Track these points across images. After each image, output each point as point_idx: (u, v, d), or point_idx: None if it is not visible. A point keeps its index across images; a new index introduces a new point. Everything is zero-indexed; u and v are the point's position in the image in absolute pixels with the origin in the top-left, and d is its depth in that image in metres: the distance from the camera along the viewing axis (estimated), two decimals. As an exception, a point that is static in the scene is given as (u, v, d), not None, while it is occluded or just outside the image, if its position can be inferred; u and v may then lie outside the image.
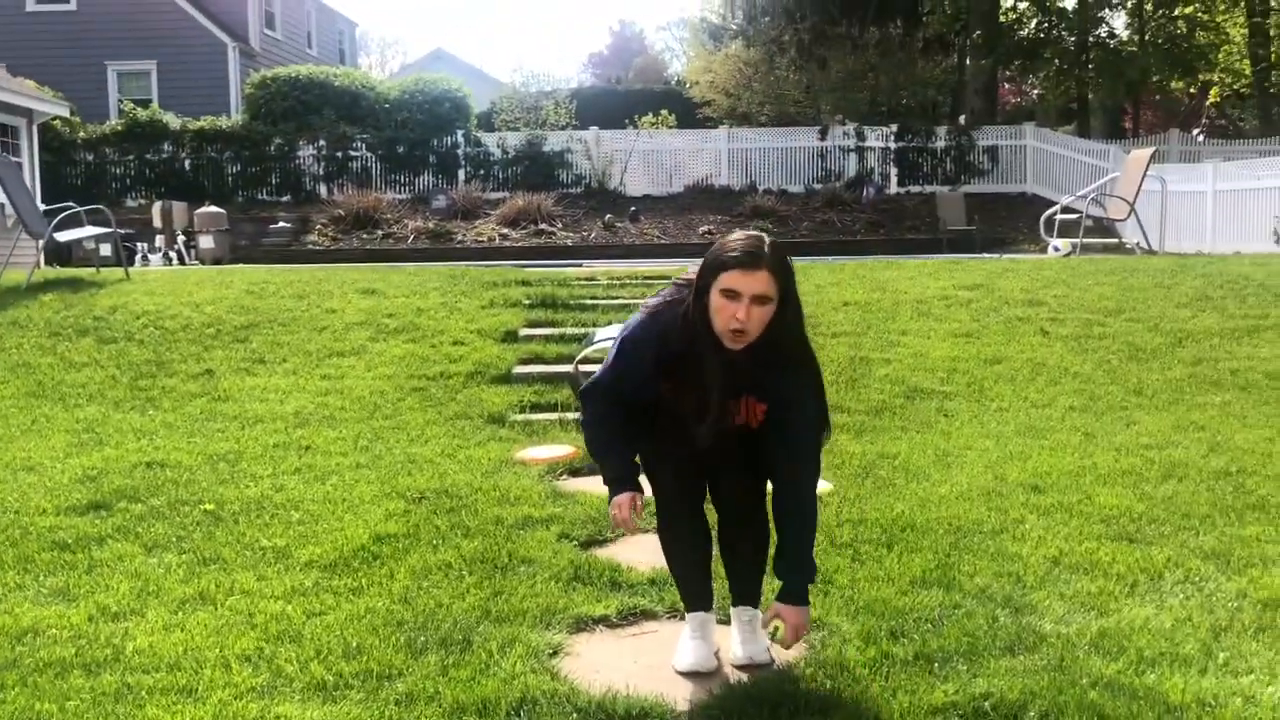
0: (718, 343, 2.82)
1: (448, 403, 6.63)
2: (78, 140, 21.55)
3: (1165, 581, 3.61)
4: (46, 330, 8.24)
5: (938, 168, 21.73)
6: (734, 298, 2.74)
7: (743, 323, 2.74)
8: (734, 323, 2.74)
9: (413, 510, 4.52)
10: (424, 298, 9.04)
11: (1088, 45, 22.53)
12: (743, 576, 3.20)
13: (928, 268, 10.19)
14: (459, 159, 21.77)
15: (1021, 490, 4.70)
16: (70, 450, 5.65)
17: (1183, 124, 28.53)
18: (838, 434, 5.90)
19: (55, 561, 3.96)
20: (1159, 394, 6.64)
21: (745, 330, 2.76)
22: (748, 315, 2.73)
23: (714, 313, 2.78)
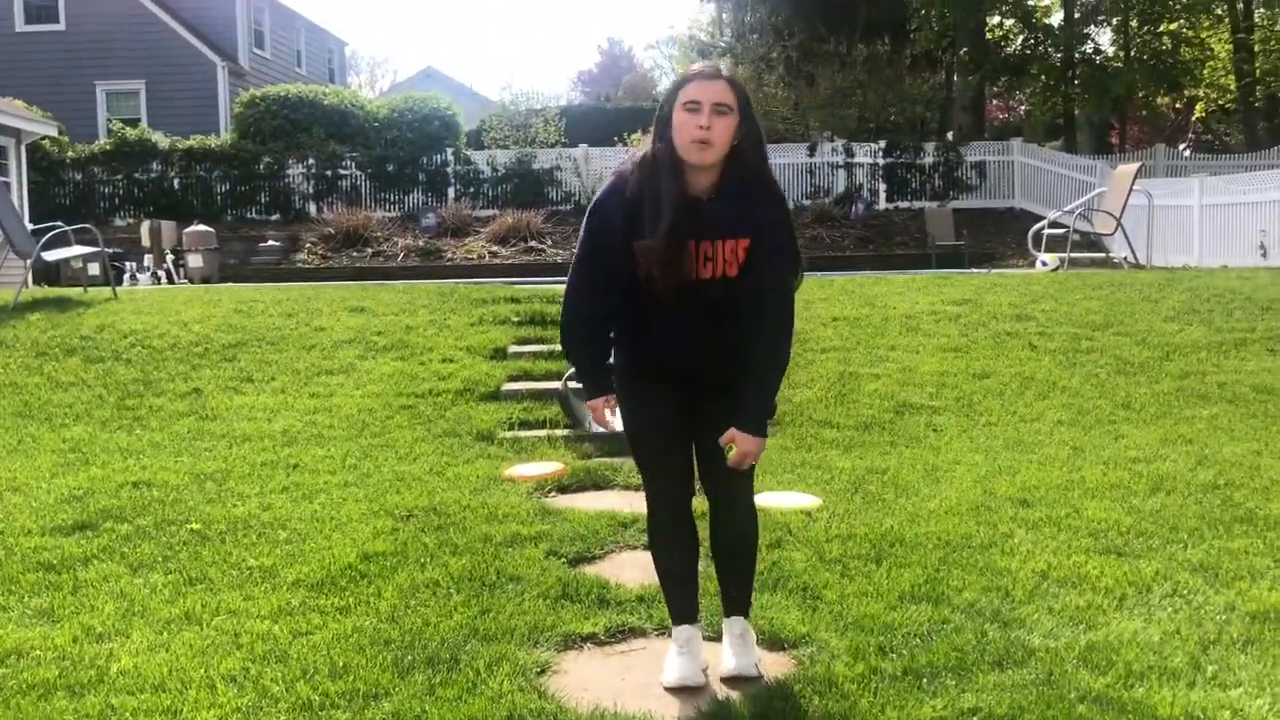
0: (678, 171, 2.85)
1: (436, 420, 6.62)
2: (66, 159, 21.53)
3: (1153, 595, 3.62)
4: (33, 350, 8.21)
5: (926, 183, 21.81)
6: (695, 110, 2.81)
7: (706, 131, 2.79)
8: (697, 132, 2.80)
9: (401, 528, 4.50)
10: (413, 315, 9.03)
11: (1074, 61, 22.65)
12: (733, 584, 3.19)
13: (916, 283, 10.22)
14: (448, 177, 21.79)
15: (1010, 504, 4.70)
16: (56, 470, 5.62)
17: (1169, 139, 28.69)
18: (826, 449, 5.91)
19: (40, 582, 3.93)
20: (1147, 407, 6.66)
21: (709, 140, 2.80)
22: (710, 123, 2.79)
23: (678, 131, 2.84)
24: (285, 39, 31.93)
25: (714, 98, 2.81)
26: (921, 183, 21.80)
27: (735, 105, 2.83)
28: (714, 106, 2.80)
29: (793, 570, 3.88)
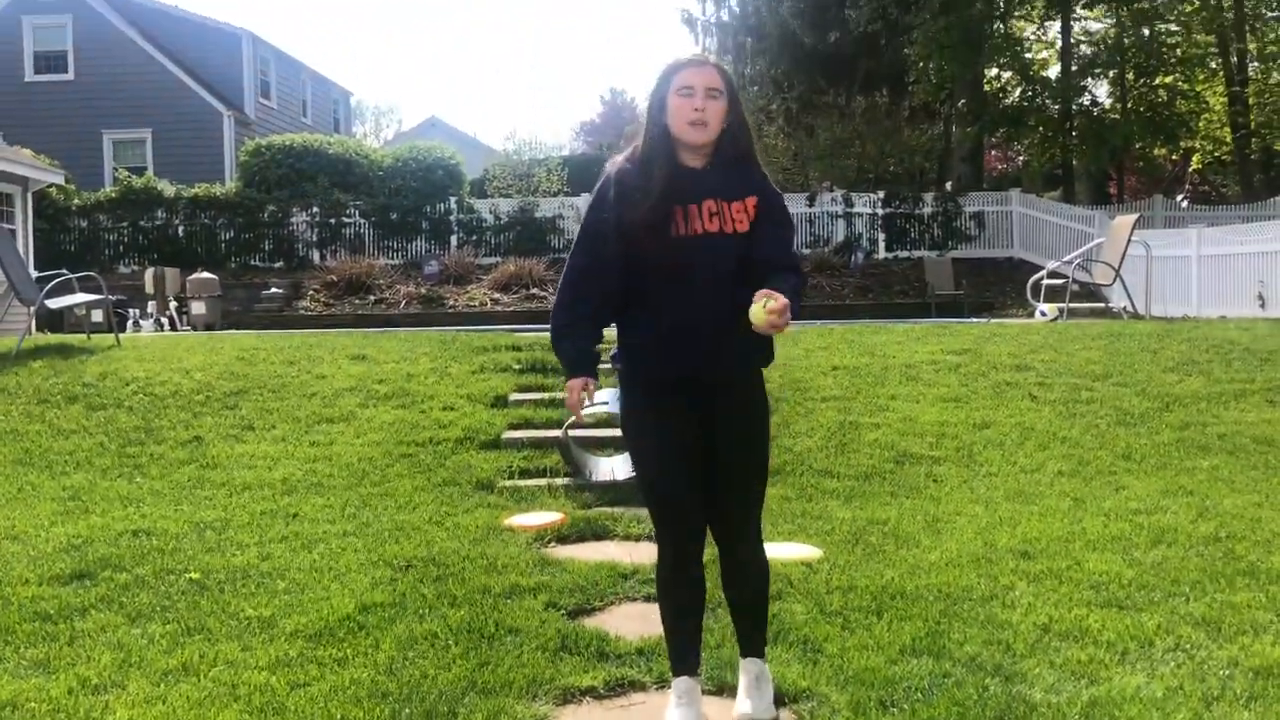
0: (669, 150, 2.98)
1: (436, 469, 6.61)
2: (72, 207, 21.70)
3: (1156, 649, 3.60)
4: (35, 397, 8.23)
5: (925, 233, 21.95)
6: (689, 94, 2.96)
7: (700, 112, 2.94)
8: (693, 114, 2.95)
9: (399, 579, 4.49)
10: (414, 363, 9.05)
11: (1071, 113, 22.88)
12: (748, 625, 3.21)
13: (916, 332, 10.25)
14: (451, 225, 21.95)
15: (1011, 556, 4.69)
16: (56, 518, 5.61)
17: (1167, 190, 28.89)
18: (826, 499, 5.90)
19: (36, 632, 3.91)
20: (1147, 458, 6.65)
21: (704, 121, 2.95)
22: (704, 105, 2.94)
23: (672, 115, 2.98)
24: (291, 89, 32.30)
25: (706, 82, 2.97)
26: (920, 232, 21.94)
27: (724, 90, 2.99)
28: (707, 90, 2.96)
29: (793, 623, 3.86)
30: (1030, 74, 23.70)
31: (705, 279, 2.96)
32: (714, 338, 2.99)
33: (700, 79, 2.96)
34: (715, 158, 3.02)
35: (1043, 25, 26.82)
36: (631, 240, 2.98)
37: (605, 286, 3.05)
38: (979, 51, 22.22)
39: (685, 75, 2.98)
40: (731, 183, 3.00)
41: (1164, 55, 23.51)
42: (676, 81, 2.98)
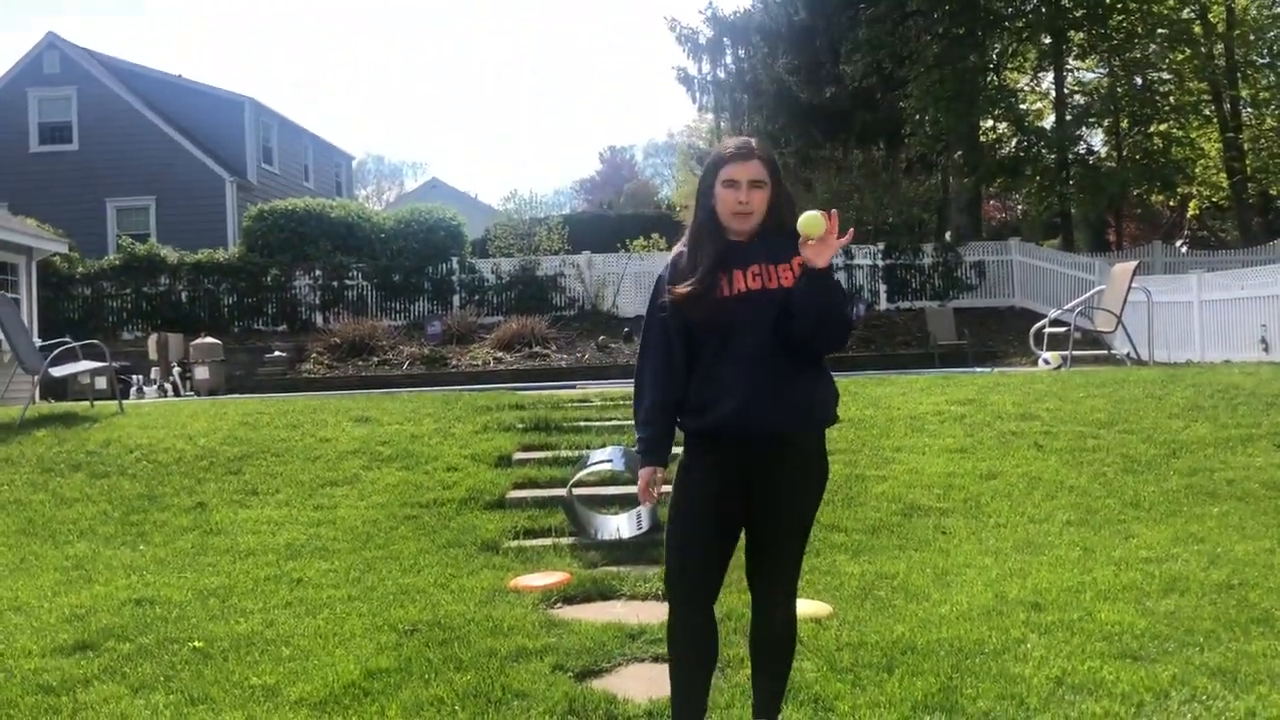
0: (718, 231, 3.15)
1: (441, 530, 6.58)
2: (76, 275, 21.83)
3: (1172, 700, 3.55)
4: (39, 466, 8.21)
5: (926, 284, 22.02)
6: (734, 186, 3.10)
7: (745, 204, 3.10)
8: (737, 205, 3.11)
9: (405, 643, 4.44)
10: (418, 424, 9.04)
11: (1068, 162, 23.05)
12: (766, 685, 3.22)
13: (920, 383, 10.24)
14: (454, 285, 22.05)
15: (1022, 608, 4.64)
16: (59, 589, 5.58)
17: (1165, 236, 29.02)
18: (834, 554, 5.86)
19: (39, 706, 3.87)
20: (1156, 506, 6.61)
21: (749, 210, 3.11)
22: (748, 197, 3.10)
23: (719, 204, 3.14)
24: (293, 154, 32.65)
25: (750, 175, 3.11)
26: (921, 283, 22.02)
27: (768, 177, 3.13)
28: (750, 183, 3.11)
29: (804, 681, 3.82)
30: (1025, 124, 23.91)
31: (749, 333, 3.05)
32: (757, 391, 3.03)
33: (744, 173, 3.10)
34: (760, 230, 3.15)
35: (1036, 76, 27.15)
36: (682, 310, 3.09)
37: (675, 378, 3.14)
38: (974, 103, 22.45)
39: (730, 170, 3.11)
40: (776, 249, 3.12)
41: (1157, 103, 23.74)
42: (723, 174, 3.12)
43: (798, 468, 3.13)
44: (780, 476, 3.10)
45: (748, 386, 3.03)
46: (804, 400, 3.08)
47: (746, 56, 27.52)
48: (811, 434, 3.16)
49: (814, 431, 3.17)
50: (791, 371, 3.05)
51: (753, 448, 3.07)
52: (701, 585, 3.10)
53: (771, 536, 3.14)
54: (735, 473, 3.09)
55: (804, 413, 3.10)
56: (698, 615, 3.11)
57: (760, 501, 3.11)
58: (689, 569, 3.10)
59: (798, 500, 3.15)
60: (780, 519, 3.14)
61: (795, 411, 3.07)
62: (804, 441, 3.14)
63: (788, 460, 3.10)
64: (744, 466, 3.08)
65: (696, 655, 3.13)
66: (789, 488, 3.12)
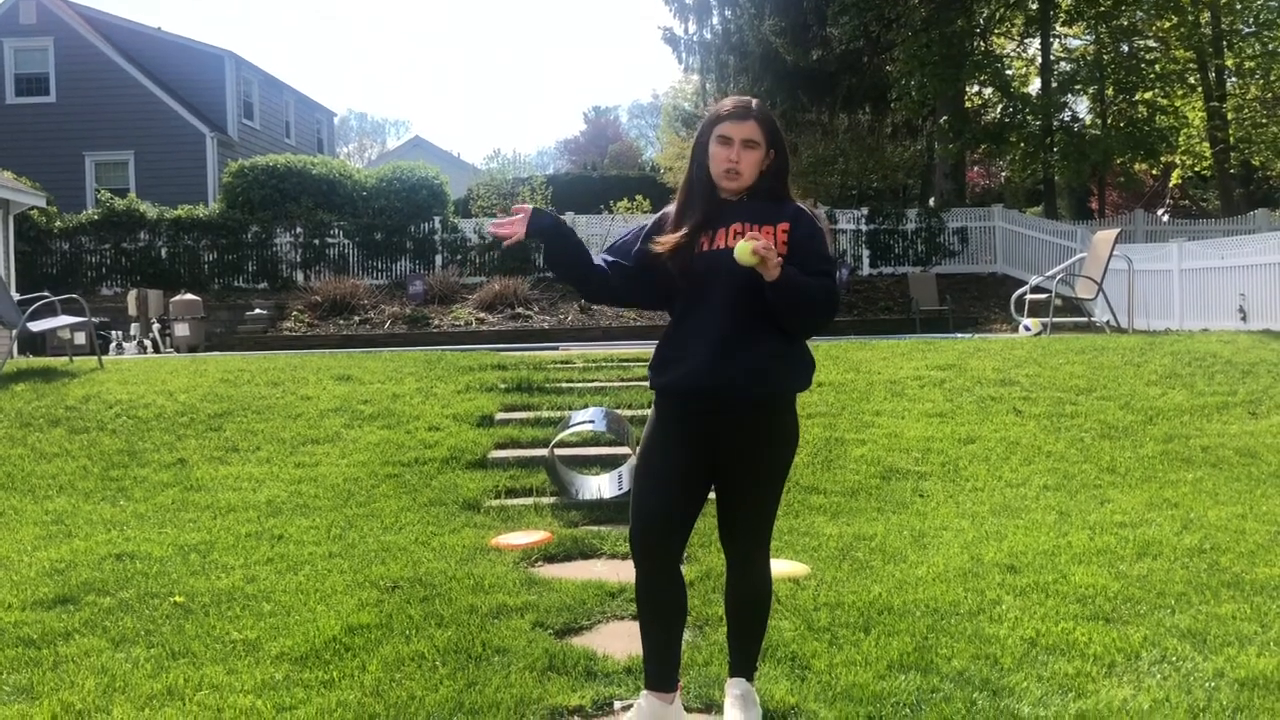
0: (709, 189, 3.14)
1: (422, 489, 6.60)
2: (54, 230, 21.61)
3: (1142, 661, 3.61)
4: (17, 421, 8.17)
5: (909, 249, 22.06)
6: (727, 143, 3.10)
7: (735, 162, 3.09)
8: (727, 164, 3.09)
9: (386, 600, 4.47)
10: (400, 383, 9.03)
11: (1052, 129, 23.03)
12: (741, 645, 3.23)
13: (901, 348, 10.29)
14: (436, 245, 21.94)
15: (998, 570, 4.70)
16: (38, 543, 5.57)
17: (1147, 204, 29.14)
18: (813, 515, 5.90)
19: (19, 658, 3.88)
20: (1131, 472, 6.69)
21: (739, 171, 3.09)
22: (739, 156, 3.09)
23: (712, 160, 3.12)
24: (274, 110, 32.30)
25: (743, 135, 3.09)
26: (904, 248, 22.05)
27: (764, 140, 3.11)
28: (743, 142, 3.09)
29: (781, 640, 3.86)
30: (1011, 90, 23.86)
31: (724, 292, 3.03)
32: (726, 351, 3.02)
33: (739, 131, 3.09)
34: (750, 191, 3.15)
35: (1022, 42, 27.06)
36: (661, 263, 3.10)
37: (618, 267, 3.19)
38: (960, 68, 22.38)
39: (726, 127, 3.10)
40: (765, 211, 3.12)
41: (1143, 71, 23.72)
42: (718, 130, 3.11)
43: (763, 430, 3.10)
44: (746, 438, 3.08)
45: (713, 346, 3.02)
46: (770, 363, 3.04)
47: (733, 17, 27.32)
48: (776, 397, 3.11)
49: (778, 395, 3.12)
50: (761, 334, 3.02)
51: (716, 408, 3.06)
52: (662, 543, 3.09)
53: (739, 500, 3.15)
54: (699, 432, 3.08)
55: (769, 375, 3.05)
56: (661, 573, 3.11)
57: (726, 462, 3.11)
58: (650, 527, 3.09)
59: (763, 465, 3.12)
60: (746, 483, 3.13)
61: (759, 374, 3.03)
62: (769, 403, 3.09)
63: (753, 422, 3.08)
64: (708, 426, 3.07)
65: (661, 611, 3.14)
66: (754, 449, 3.10)
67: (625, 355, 10.51)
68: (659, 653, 3.14)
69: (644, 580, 3.13)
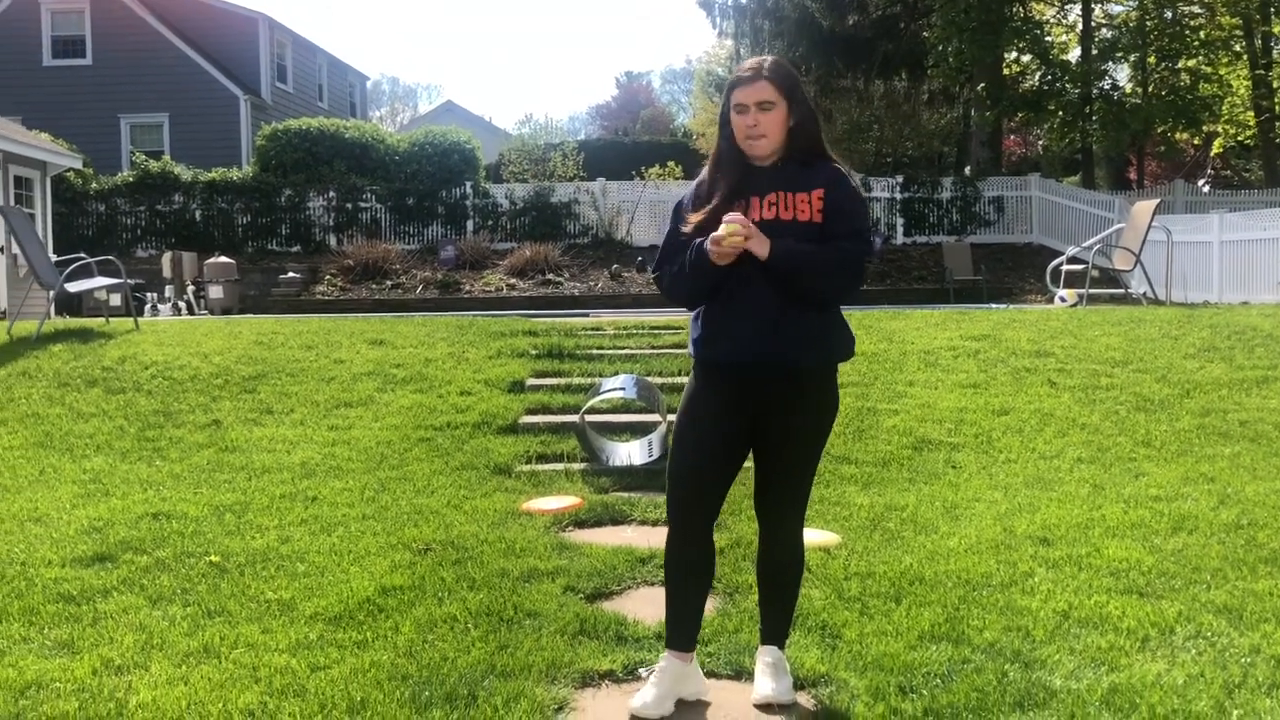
0: (738, 157, 3.11)
1: (454, 453, 6.63)
2: (90, 191, 21.79)
3: (1177, 636, 3.58)
4: (55, 381, 8.28)
5: (944, 218, 21.85)
6: (743, 110, 3.07)
7: (753, 127, 3.06)
8: (747, 130, 3.07)
9: (418, 562, 4.50)
10: (431, 348, 9.07)
11: (1091, 97, 22.67)
12: (772, 614, 3.26)
13: (935, 318, 10.21)
14: (467, 210, 21.95)
15: (1030, 543, 4.67)
16: (77, 501, 5.65)
17: (1188, 175, 28.65)
18: (845, 485, 5.89)
19: (60, 614, 3.94)
20: (1167, 445, 6.62)
21: (762, 134, 3.06)
22: (756, 120, 3.05)
23: (734, 129, 3.10)
24: (307, 73, 32.32)
25: (757, 98, 3.06)
26: (939, 217, 21.84)
27: (780, 97, 3.07)
28: (758, 105, 3.05)
29: (811, 609, 3.86)
30: (1050, 57, 23.47)
31: (759, 265, 3.01)
32: (765, 325, 3.02)
33: (751, 95, 3.06)
34: (784, 154, 3.11)
35: (1063, 8, 26.59)
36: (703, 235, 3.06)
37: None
38: (998, 34, 22.03)
39: (738, 93, 3.08)
40: (799, 176, 3.08)
41: (1187, 38, 23.25)
42: (733, 99, 3.09)
43: (804, 400, 3.12)
44: (787, 409, 3.11)
45: (757, 317, 3.03)
46: (812, 334, 3.06)
47: (769, -19, 27.01)
48: (819, 368, 3.14)
49: (822, 365, 3.14)
50: (802, 305, 3.04)
51: (759, 379, 3.07)
52: (698, 510, 3.13)
53: (777, 467, 3.17)
54: (741, 403, 3.10)
55: (812, 345, 3.08)
56: (692, 539, 3.15)
57: (766, 432, 3.13)
58: (687, 494, 3.13)
59: (804, 433, 3.15)
60: (785, 451, 3.15)
61: (803, 344, 3.05)
62: (811, 375, 3.12)
63: (794, 393, 3.10)
64: (750, 397, 3.09)
65: (689, 577, 3.18)
66: (795, 420, 3.12)
67: (656, 323, 10.49)
68: (682, 613, 3.19)
69: (676, 539, 3.16)
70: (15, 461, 6.59)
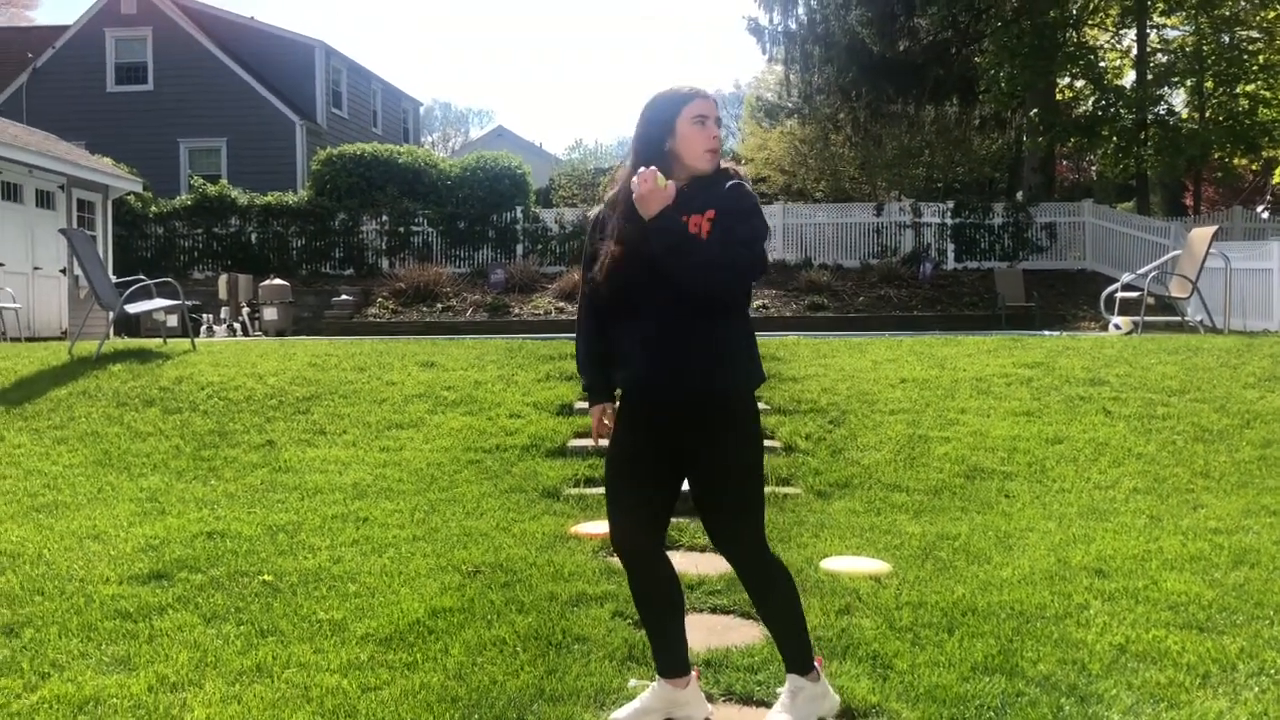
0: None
1: (503, 475, 6.66)
2: (149, 214, 22.25)
3: (1239, 673, 3.50)
4: (114, 400, 8.43)
5: (995, 244, 21.66)
6: (703, 123, 3.07)
7: (716, 139, 3.08)
8: (712, 142, 3.07)
9: (468, 584, 4.52)
10: (481, 370, 9.13)
11: (1146, 123, 22.41)
12: (777, 639, 3.21)
13: (986, 345, 10.11)
14: (517, 234, 22.13)
15: (1085, 574, 4.60)
16: (134, 519, 5.75)
17: (1246, 201, 28.18)
18: (895, 513, 5.83)
19: (117, 630, 4.01)
20: (1227, 476, 6.49)
21: (719, 149, 3.09)
22: (716, 133, 3.09)
23: (687, 142, 3.05)
24: (362, 99, 32.84)
25: (715, 113, 3.11)
26: (990, 243, 21.66)
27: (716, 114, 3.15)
28: (715, 119, 3.11)
29: (862, 638, 3.82)
30: (1104, 83, 23.25)
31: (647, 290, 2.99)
32: (655, 351, 3.00)
33: (711, 109, 3.08)
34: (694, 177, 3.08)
35: (1117, 33, 26.33)
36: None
37: (600, 329, 3.18)
38: (1051, 60, 21.86)
39: (698, 105, 3.06)
40: (699, 198, 3.01)
41: (1245, 63, 22.92)
42: (690, 111, 3.05)
43: (712, 427, 3.03)
44: (696, 435, 3.03)
45: (647, 347, 3.00)
46: (704, 363, 2.97)
47: (819, 7, 27.04)
48: (709, 395, 3.02)
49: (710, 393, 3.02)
50: (690, 332, 2.96)
51: (660, 407, 3.06)
52: (630, 535, 3.13)
53: (703, 492, 3.10)
54: (653, 428, 3.08)
55: (712, 374, 2.99)
56: (640, 561, 3.15)
57: (687, 459, 3.08)
58: (617, 520, 3.14)
59: (717, 459, 3.04)
60: (704, 476, 3.08)
61: (705, 376, 2.99)
62: (715, 404, 3.02)
63: (707, 424, 3.02)
64: (660, 424, 3.07)
65: (647, 601, 3.19)
66: (706, 446, 3.03)
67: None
68: (657, 641, 3.22)
69: (627, 572, 3.19)
70: (75, 479, 6.72)
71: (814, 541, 5.24)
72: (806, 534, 5.39)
